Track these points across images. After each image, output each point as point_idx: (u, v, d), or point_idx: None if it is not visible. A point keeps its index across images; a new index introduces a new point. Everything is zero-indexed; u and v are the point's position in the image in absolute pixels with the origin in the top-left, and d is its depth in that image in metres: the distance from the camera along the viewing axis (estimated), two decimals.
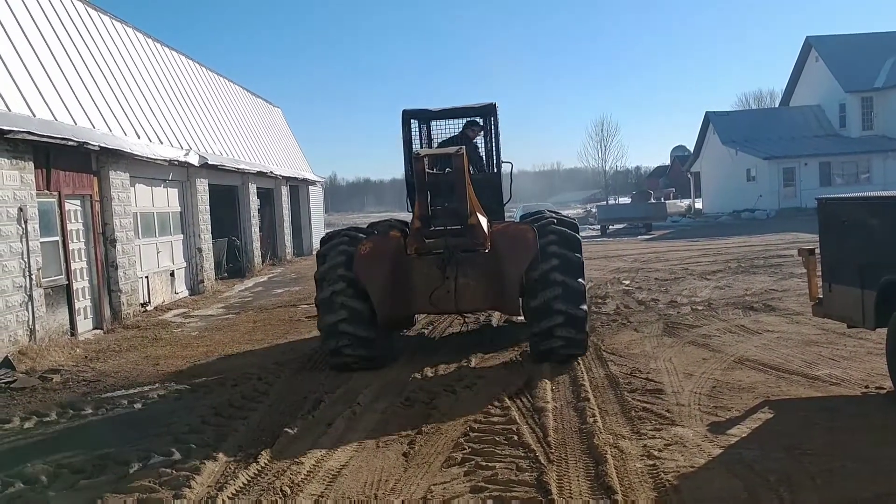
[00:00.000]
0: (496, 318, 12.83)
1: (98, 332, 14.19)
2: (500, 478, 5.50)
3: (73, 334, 13.26)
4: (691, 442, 6.09)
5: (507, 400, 7.66)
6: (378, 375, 9.08)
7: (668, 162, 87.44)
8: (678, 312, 12.81)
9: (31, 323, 11.87)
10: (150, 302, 16.99)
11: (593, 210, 49.18)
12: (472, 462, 5.88)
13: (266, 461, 6.13)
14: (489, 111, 11.12)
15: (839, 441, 5.94)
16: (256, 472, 5.88)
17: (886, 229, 6.79)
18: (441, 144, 11.24)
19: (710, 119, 51.98)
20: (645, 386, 7.99)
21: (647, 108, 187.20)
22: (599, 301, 14.68)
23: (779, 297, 13.68)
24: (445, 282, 8.97)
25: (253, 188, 25.84)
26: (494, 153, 11.16)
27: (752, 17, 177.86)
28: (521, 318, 10.28)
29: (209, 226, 21.01)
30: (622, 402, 7.38)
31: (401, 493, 5.39)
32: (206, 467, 6.05)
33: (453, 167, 8.77)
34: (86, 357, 11.66)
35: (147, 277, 17.15)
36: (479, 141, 11.39)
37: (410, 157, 10.51)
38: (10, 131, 11.13)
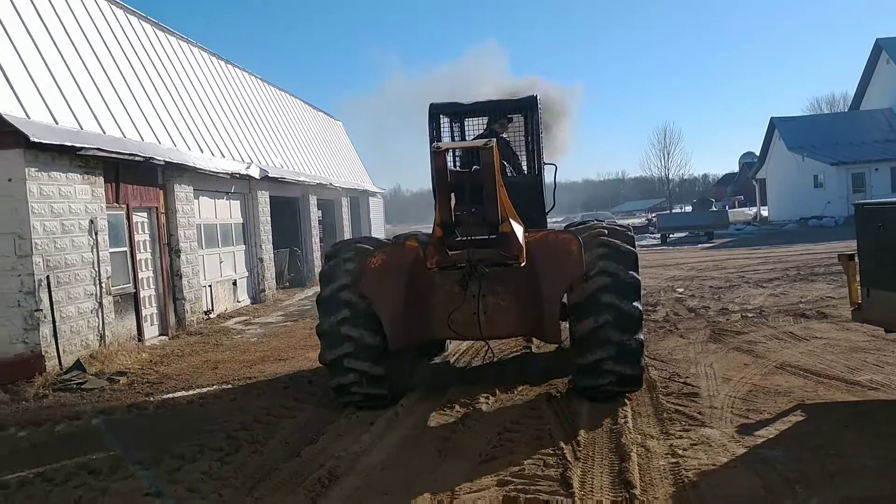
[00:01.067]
0: (536, 341, 11.48)
1: (163, 337, 14.88)
2: (527, 472, 5.75)
3: (140, 340, 13.96)
4: (717, 442, 6.23)
5: (544, 403, 7.88)
6: (421, 381, 9.37)
7: (736, 169, 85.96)
8: (727, 320, 12.80)
9: (101, 328, 12.57)
10: (213, 310, 17.68)
11: (654, 218, 48.67)
12: (503, 459, 6.14)
13: (308, 456, 6.50)
14: (529, 105, 9.74)
15: (867, 443, 6.00)
16: (298, 466, 6.25)
17: None
18: None
19: (775, 124, 50.97)
20: (681, 389, 8.11)
21: (715, 115, 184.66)
22: (650, 308, 14.71)
23: (834, 305, 13.51)
24: (468, 302, 7.54)
25: (314, 200, 26.54)
26: (535, 154, 9.78)
27: (823, 21, 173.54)
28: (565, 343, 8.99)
29: (270, 236, 21.70)
30: (656, 405, 7.53)
31: (431, 486, 5.68)
32: (251, 460, 6.47)
33: (481, 164, 7.02)
34: (151, 361, 12.29)
35: (210, 286, 17.86)
36: (520, 139, 10.05)
37: None
38: (81, 148, 11.86)
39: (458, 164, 9.76)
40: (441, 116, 9.90)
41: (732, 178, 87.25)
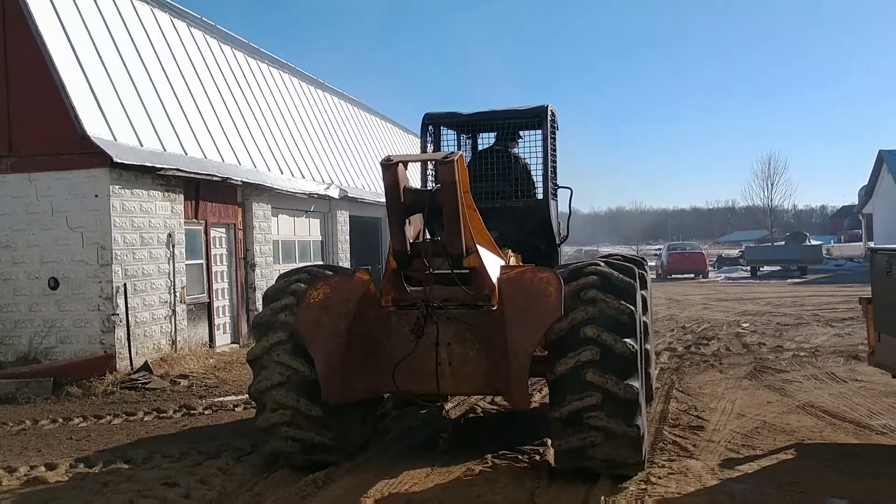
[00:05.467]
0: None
1: (235, 346, 15.89)
2: (501, 488, 6.15)
3: (211, 346, 14.99)
4: (694, 473, 6.44)
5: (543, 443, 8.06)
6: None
7: (855, 202, 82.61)
8: (776, 357, 12.72)
9: (173, 334, 13.64)
10: None
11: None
12: (485, 474, 6.55)
13: None
14: (538, 115, 8.48)
15: (840, 483, 6.12)
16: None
17: None
18: (474, 159, 8.72)
19: (884, 158, 48.96)
20: (690, 422, 8.29)
21: (835, 146, 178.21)
22: (703, 342, 14.76)
23: None
24: (424, 350, 6.26)
25: None
26: (546, 174, 8.44)
27: None
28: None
29: (348, 255, 22.61)
30: (657, 435, 7.73)
31: (408, 487, 6.17)
32: (263, 461, 7.13)
33: (441, 182, 5.81)
34: (215, 367, 13.22)
35: None
36: (535, 158, 8.70)
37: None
38: (161, 168, 13.00)
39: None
40: (444, 128, 8.90)
41: (850, 211, 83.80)
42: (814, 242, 45.03)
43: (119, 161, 11.94)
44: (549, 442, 6.70)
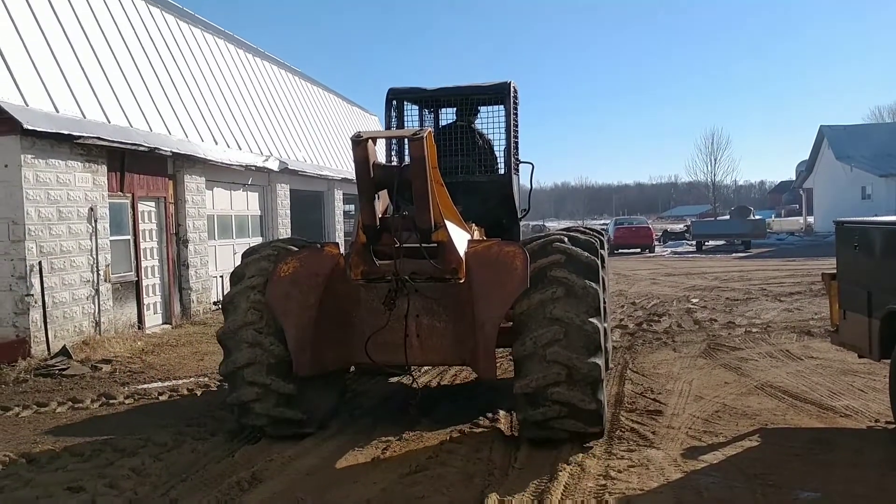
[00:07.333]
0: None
1: (166, 326, 15.00)
2: (449, 486, 5.57)
3: (140, 328, 14.09)
4: (656, 465, 5.96)
5: (500, 412, 7.64)
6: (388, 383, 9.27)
7: (793, 177, 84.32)
8: (729, 334, 12.41)
9: (96, 315, 12.71)
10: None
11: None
12: (433, 471, 5.96)
13: (242, 457, 6.44)
14: (501, 92, 8.57)
15: (811, 473, 5.69)
16: (227, 467, 6.19)
17: (892, 255, 6.45)
18: (438, 134, 8.70)
19: (824, 133, 49.67)
20: (647, 406, 7.83)
21: (777, 121, 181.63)
22: (655, 319, 14.40)
23: None
24: (394, 323, 6.42)
25: (339, 194, 26.59)
26: (508, 150, 8.57)
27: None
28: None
29: (289, 230, 21.72)
30: (614, 422, 7.25)
31: (345, 488, 5.55)
32: (184, 459, 6.43)
33: (411, 158, 5.94)
34: (142, 350, 12.36)
35: (222, 277, 17.94)
36: (497, 133, 8.81)
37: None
38: (80, 137, 12.00)
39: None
40: (407, 104, 8.94)
41: (788, 186, 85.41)
42: (757, 217, 45.50)
43: (31, 128, 10.94)
44: (514, 414, 6.89)
